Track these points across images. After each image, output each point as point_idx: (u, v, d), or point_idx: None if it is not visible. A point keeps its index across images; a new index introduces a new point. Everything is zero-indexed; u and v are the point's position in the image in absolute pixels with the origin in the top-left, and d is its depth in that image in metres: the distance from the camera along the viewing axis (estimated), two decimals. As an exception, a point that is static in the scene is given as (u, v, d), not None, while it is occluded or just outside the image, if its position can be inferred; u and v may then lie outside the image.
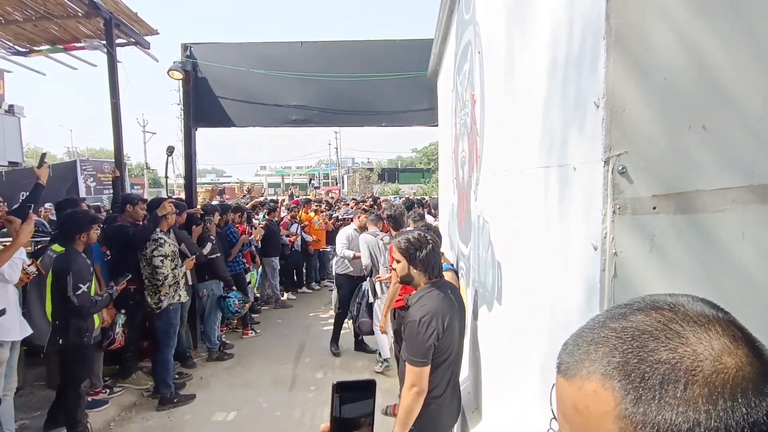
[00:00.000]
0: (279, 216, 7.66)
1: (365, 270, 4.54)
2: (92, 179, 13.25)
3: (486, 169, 2.22)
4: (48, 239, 3.50)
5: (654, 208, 0.89)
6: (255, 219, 7.25)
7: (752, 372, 0.39)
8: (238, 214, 5.95)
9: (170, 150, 4.52)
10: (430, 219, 6.38)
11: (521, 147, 1.56)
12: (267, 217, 7.19)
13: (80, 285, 3.12)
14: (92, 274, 3.32)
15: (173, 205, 4.11)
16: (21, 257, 2.93)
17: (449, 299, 2.05)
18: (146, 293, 3.97)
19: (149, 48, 5.86)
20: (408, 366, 1.92)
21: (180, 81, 5.82)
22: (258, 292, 7.49)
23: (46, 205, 7.25)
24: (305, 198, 10.71)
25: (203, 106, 5.93)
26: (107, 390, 4.07)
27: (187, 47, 5.89)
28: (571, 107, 1.07)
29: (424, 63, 5.42)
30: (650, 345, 0.41)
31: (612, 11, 0.88)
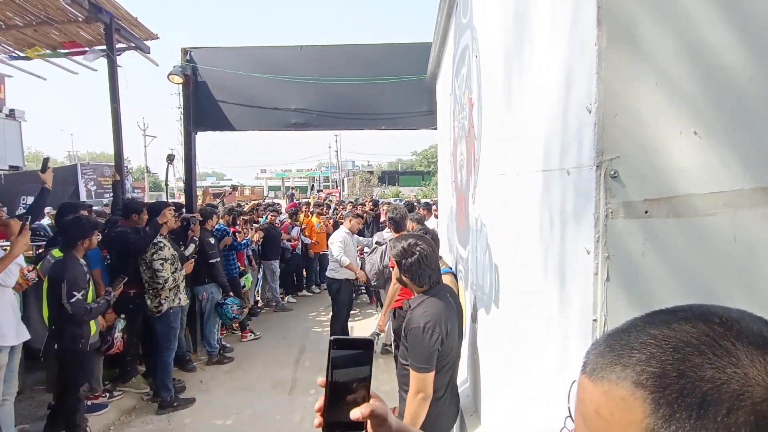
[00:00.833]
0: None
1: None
2: (93, 183, 13.31)
3: (483, 173, 2.23)
4: (45, 243, 3.49)
5: (646, 212, 0.89)
6: (256, 222, 7.25)
7: None
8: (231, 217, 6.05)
9: (170, 158, 4.51)
10: (435, 222, 6.33)
11: (517, 151, 1.57)
12: (268, 221, 7.20)
13: (74, 293, 3.09)
14: (88, 282, 3.29)
15: (174, 211, 4.11)
16: (20, 263, 2.94)
17: (450, 304, 2.08)
18: (146, 297, 3.98)
19: (149, 52, 5.87)
20: (413, 372, 1.93)
21: (180, 85, 5.85)
22: (258, 295, 7.49)
23: (47, 209, 7.25)
24: (305, 200, 10.71)
25: (203, 110, 5.95)
26: (107, 394, 4.07)
27: (187, 51, 5.92)
28: (565, 112, 1.08)
29: (423, 66, 5.44)
30: (694, 359, 0.37)
31: (603, 18, 0.89)
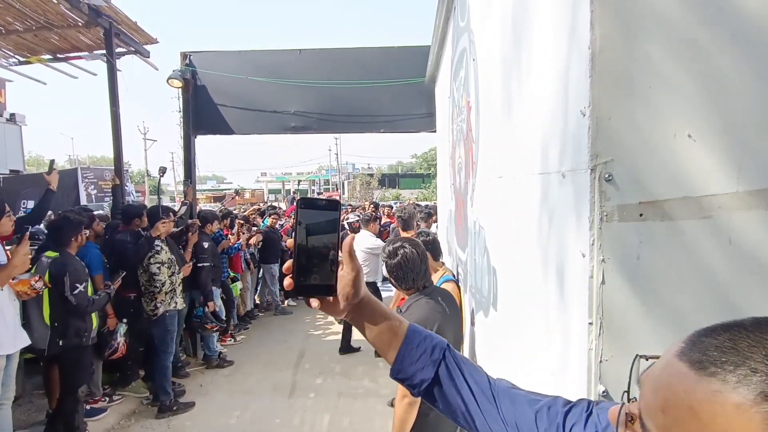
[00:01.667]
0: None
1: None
2: (93, 187, 13.29)
3: (481, 176, 2.23)
4: (36, 248, 3.52)
5: (641, 215, 0.89)
6: (255, 226, 7.25)
7: None
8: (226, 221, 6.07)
9: (162, 170, 4.54)
10: (435, 227, 6.31)
11: (515, 154, 1.57)
12: (269, 224, 7.21)
13: (77, 285, 3.25)
14: (87, 276, 3.43)
15: (168, 224, 4.10)
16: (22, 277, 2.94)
17: (440, 306, 2.02)
18: (143, 300, 3.99)
19: (149, 56, 5.90)
20: None
21: (179, 89, 5.87)
22: (257, 299, 7.49)
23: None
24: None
25: (203, 114, 5.97)
26: (107, 398, 4.07)
27: (187, 55, 5.95)
28: (560, 115, 1.08)
29: (422, 69, 5.45)
30: None
31: (596, 21, 0.89)
